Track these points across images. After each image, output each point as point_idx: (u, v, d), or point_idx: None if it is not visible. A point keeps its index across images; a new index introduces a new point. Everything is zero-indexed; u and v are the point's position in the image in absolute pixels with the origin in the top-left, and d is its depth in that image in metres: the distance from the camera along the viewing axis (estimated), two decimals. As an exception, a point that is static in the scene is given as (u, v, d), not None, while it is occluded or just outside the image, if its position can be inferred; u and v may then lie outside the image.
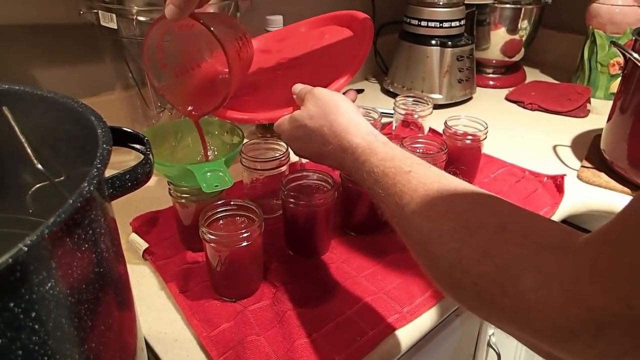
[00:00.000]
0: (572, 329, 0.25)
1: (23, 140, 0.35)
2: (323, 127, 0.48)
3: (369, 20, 0.63)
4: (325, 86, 0.54)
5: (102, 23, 0.70)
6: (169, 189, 0.59)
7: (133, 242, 0.63)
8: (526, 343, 0.31)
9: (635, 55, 0.74)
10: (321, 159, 0.51)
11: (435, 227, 0.34)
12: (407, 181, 0.38)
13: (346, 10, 0.68)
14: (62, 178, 0.39)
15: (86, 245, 0.28)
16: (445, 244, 0.33)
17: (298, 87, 0.54)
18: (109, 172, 0.33)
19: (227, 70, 0.51)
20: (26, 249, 0.22)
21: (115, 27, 0.69)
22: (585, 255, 0.26)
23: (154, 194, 0.69)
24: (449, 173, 0.39)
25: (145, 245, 0.62)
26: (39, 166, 0.35)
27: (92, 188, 0.27)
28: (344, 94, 0.54)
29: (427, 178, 0.38)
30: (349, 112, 0.48)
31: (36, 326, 0.24)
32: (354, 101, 0.54)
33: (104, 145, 0.31)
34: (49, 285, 0.25)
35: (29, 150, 0.35)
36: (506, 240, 0.30)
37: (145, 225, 0.67)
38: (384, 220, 0.41)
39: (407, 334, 0.53)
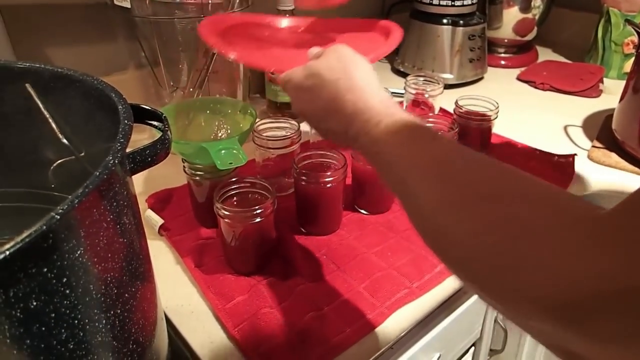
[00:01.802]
0: (582, 303, 0.24)
1: (47, 115, 0.36)
2: (339, 79, 0.45)
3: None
4: None
5: (116, 2, 0.70)
6: (184, 166, 0.61)
7: (149, 219, 0.64)
8: (529, 329, 0.30)
9: (650, 33, 0.73)
10: (324, 117, 0.46)
11: (445, 196, 0.33)
12: (421, 149, 0.37)
13: None
14: (82, 154, 0.40)
15: (111, 217, 0.29)
16: (453, 215, 0.32)
17: (317, 49, 0.51)
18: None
19: None
20: (58, 217, 0.23)
21: (129, 6, 0.70)
22: (603, 226, 0.25)
23: (169, 172, 0.70)
24: None
25: (160, 221, 0.63)
26: (64, 141, 0.36)
27: (116, 161, 0.28)
28: None
29: (440, 148, 0.37)
30: (370, 75, 0.46)
31: (67, 291, 0.26)
32: None
33: (126, 121, 0.32)
34: (78, 252, 0.26)
35: (53, 126, 0.36)
36: (516, 212, 0.29)
37: (161, 202, 0.68)
38: (393, 199, 0.41)
39: (415, 309, 0.54)
